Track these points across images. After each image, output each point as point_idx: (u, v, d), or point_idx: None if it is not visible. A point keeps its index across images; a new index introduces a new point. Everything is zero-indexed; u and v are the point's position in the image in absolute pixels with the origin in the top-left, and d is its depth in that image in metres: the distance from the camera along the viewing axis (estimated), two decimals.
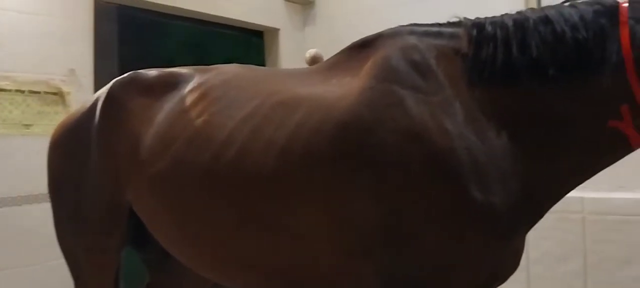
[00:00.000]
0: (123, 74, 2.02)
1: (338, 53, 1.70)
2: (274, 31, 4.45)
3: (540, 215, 1.52)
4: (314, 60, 2.92)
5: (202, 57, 4.00)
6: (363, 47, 1.62)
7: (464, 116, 1.40)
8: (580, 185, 1.51)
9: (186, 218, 1.71)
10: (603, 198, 2.99)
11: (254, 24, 4.31)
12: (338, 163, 1.44)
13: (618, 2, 1.39)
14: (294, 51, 4.47)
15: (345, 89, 1.52)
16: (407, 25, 1.60)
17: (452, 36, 1.51)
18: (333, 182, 1.45)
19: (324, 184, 1.46)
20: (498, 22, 1.47)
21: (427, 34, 1.54)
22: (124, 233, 1.94)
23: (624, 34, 1.33)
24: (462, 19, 1.55)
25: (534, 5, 3.66)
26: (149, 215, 1.84)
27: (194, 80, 1.83)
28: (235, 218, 1.60)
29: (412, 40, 1.53)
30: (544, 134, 1.41)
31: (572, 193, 1.53)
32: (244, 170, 1.56)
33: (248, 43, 4.44)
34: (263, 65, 4.47)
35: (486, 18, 1.51)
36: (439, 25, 1.57)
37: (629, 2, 1.38)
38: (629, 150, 1.41)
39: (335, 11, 4.44)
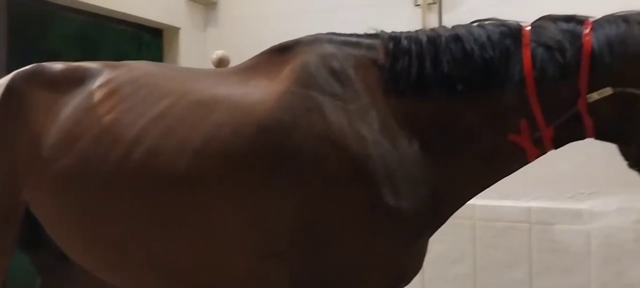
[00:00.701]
0: (11, 66, 1.90)
1: (256, 56, 1.70)
2: (174, 30, 4.33)
3: (443, 220, 1.62)
4: (221, 63, 2.89)
5: (93, 52, 3.83)
6: (282, 51, 1.63)
7: (379, 124, 1.46)
8: None
9: (92, 219, 1.64)
10: (492, 206, 3.20)
11: (153, 21, 4.17)
12: (255, 165, 1.46)
13: (521, 25, 1.52)
14: (194, 52, 4.38)
15: (265, 92, 1.53)
16: (326, 34, 1.64)
17: (369, 47, 1.57)
18: (250, 183, 1.46)
19: (240, 185, 1.47)
20: (413, 37, 1.55)
21: (345, 44, 1.59)
22: (17, 236, 1.82)
23: (526, 55, 1.46)
24: (379, 32, 1.61)
25: (434, 22, 3.84)
26: (49, 216, 1.74)
27: (103, 76, 1.76)
28: (144, 218, 1.56)
29: (331, 48, 1.57)
30: (451, 144, 1.50)
31: None
32: (156, 169, 1.52)
33: (145, 41, 4.30)
34: None
35: (402, 32, 1.59)
36: (357, 35, 1.62)
37: (532, 26, 1.51)
38: (525, 162, 1.54)
39: (239, 13, 4.41)
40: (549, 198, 3.14)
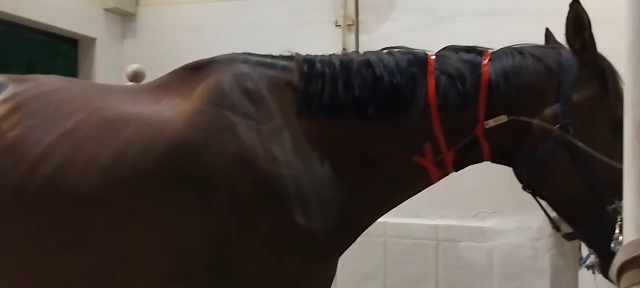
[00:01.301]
0: None
1: (170, 73, 1.69)
2: (90, 41, 4.22)
3: (353, 239, 1.66)
4: (136, 76, 2.84)
5: (3, 61, 3.66)
6: (196, 69, 1.63)
7: (291, 145, 1.49)
8: None
9: None
10: (402, 224, 3.31)
11: (67, 30, 4.04)
12: (165, 185, 1.44)
13: (427, 54, 1.60)
14: (110, 63, 4.27)
15: (176, 110, 1.53)
16: (241, 53, 1.65)
17: (284, 69, 1.60)
18: (159, 204, 1.45)
19: (149, 206, 1.45)
20: (326, 61, 1.60)
21: (260, 64, 1.61)
22: None
23: (431, 82, 1.54)
24: (294, 54, 1.65)
25: (353, 42, 3.94)
26: None
27: (8, 89, 1.68)
28: (49, 240, 1.50)
29: (246, 68, 1.59)
30: (361, 165, 1.56)
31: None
32: (62, 188, 1.47)
33: (60, 50, 4.16)
34: (75, 75, 4.20)
35: (316, 55, 1.63)
36: (273, 57, 1.65)
37: (436, 55, 1.60)
38: (429, 183, 1.62)
39: (157, 25, 4.35)
40: (455, 216, 3.29)
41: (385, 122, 1.54)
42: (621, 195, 1.43)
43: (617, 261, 0.65)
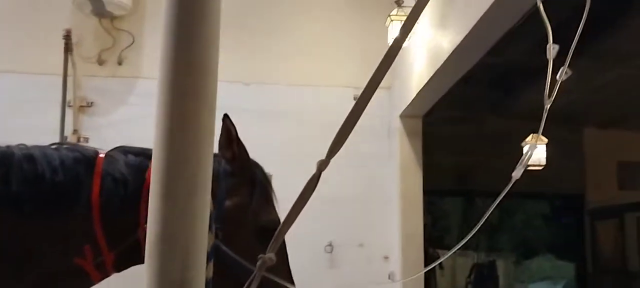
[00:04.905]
0: None
1: None
2: None
3: None
4: None
5: None
6: None
7: None
8: None
9: None
10: None
11: None
12: None
13: (97, 153, 1.61)
14: None
15: None
16: None
17: None
18: None
19: None
20: None
21: None
22: None
23: (96, 182, 1.55)
24: None
25: (87, 123, 3.81)
26: None
27: None
28: None
29: None
30: (18, 263, 1.49)
31: None
32: None
33: None
34: None
35: None
36: None
37: (106, 155, 1.62)
38: (91, 284, 1.60)
39: None
40: None
41: (45, 221, 1.51)
42: None
43: None
